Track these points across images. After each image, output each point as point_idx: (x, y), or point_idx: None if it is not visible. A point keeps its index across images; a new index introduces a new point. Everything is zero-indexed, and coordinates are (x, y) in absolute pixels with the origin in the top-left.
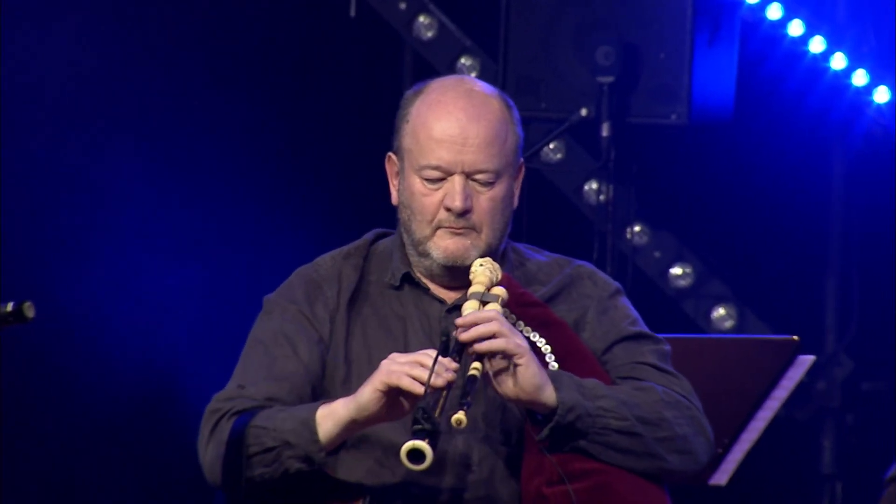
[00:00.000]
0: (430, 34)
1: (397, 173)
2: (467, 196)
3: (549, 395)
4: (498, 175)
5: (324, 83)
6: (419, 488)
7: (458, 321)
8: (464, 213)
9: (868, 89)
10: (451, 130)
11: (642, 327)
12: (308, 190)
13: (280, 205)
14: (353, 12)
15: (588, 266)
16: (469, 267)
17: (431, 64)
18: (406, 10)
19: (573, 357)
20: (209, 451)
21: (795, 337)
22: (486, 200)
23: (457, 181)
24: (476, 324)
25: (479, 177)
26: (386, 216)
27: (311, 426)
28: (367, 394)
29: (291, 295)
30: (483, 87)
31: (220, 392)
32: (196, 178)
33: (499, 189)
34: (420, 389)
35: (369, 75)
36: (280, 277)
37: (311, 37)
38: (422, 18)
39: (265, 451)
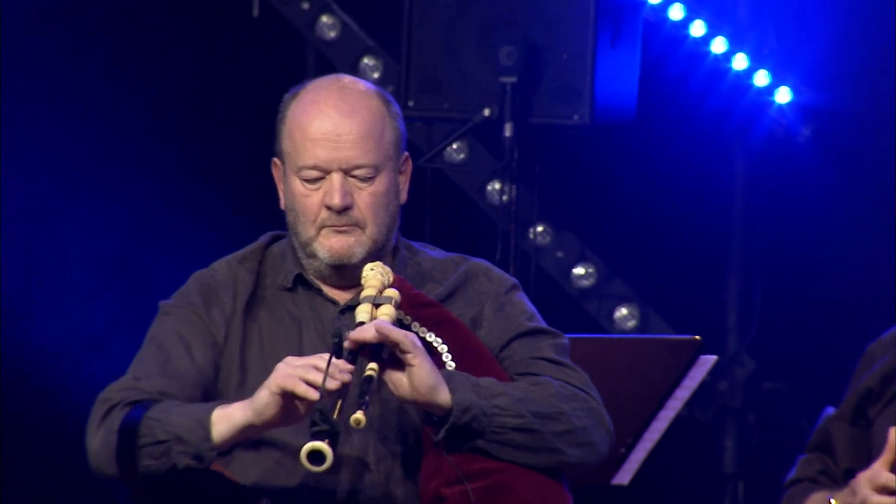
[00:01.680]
0: (332, 34)
1: (282, 177)
2: (346, 193)
3: (444, 396)
4: (377, 169)
5: (226, 84)
6: (318, 489)
7: (347, 336)
8: (344, 210)
9: (769, 90)
10: (325, 128)
11: (539, 322)
12: (209, 193)
13: (180, 208)
14: (255, 12)
15: (483, 263)
16: (357, 265)
17: (334, 64)
18: (309, 11)
19: (470, 355)
20: (97, 439)
21: (697, 337)
22: (367, 196)
23: (335, 179)
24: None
25: (357, 172)
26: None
27: (205, 425)
28: (263, 398)
29: (188, 298)
30: (358, 83)
31: (113, 383)
32: (91, 179)
33: (380, 184)
34: (315, 395)
35: (272, 76)
36: (178, 281)
37: (212, 37)
38: (324, 18)
39: (156, 443)
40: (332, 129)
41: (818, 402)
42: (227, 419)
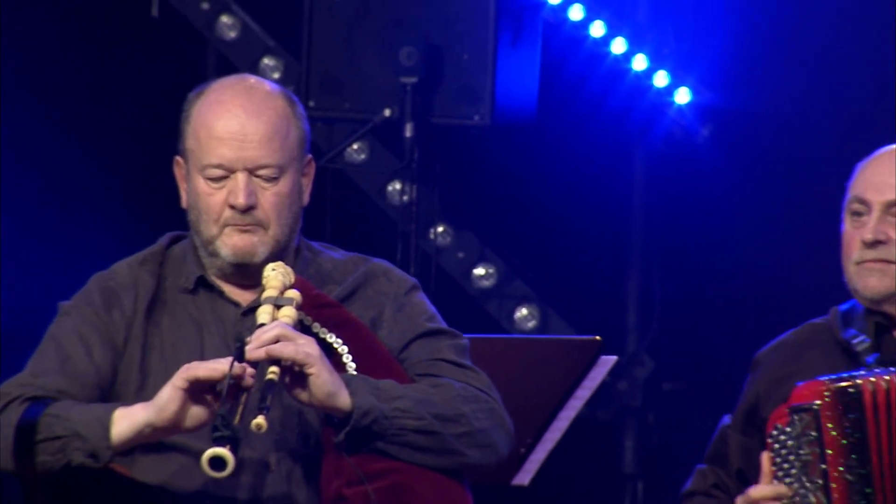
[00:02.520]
0: (232, 34)
1: (185, 176)
2: (251, 192)
3: (344, 400)
4: (281, 170)
5: (126, 84)
6: (219, 493)
7: (249, 340)
8: (248, 210)
9: (669, 90)
10: (231, 127)
11: (440, 323)
12: (108, 193)
13: (79, 208)
14: (155, 12)
15: (383, 263)
16: (259, 264)
17: (235, 64)
18: (209, 11)
19: (370, 356)
20: None
21: (598, 337)
22: (271, 196)
23: (239, 178)
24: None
25: (262, 172)
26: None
27: (104, 423)
28: (165, 394)
29: (89, 299)
30: (264, 83)
31: (10, 378)
32: None
33: (283, 184)
34: (218, 374)
35: (172, 76)
36: (78, 283)
37: (112, 37)
38: (224, 18)
39: (53, 438)
40: (238, 129)
41: (717, 402)
42: (127, 418)
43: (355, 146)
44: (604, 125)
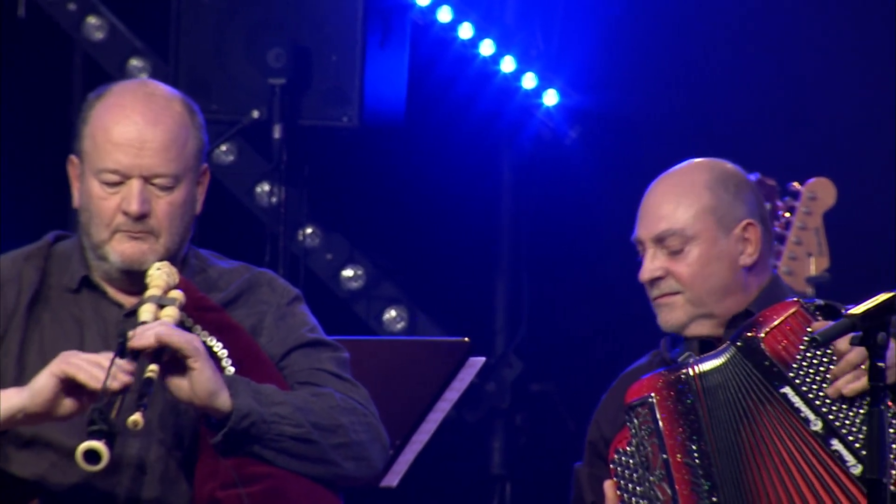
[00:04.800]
0: (100, 35)
1: (79, 176)
2: (144, 200)
3: (224, 400)
4: (177, 180)
5: None
6: (93, 490)
7: (132, 332)
8: (141, 218)
9: (537, 92)
10: (129, 134)
11: (321, 335)
12: None
13: None
14: (21, 12)
15: (268, 273)
16: (146, 272)
17: (102, 65)
18: (76, 11)
19: (250, 362)
20: None
21: (466, 339)
22: (164, 205)
23: (134, 185)
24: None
25: (157, 181)
26: (51, 222)
27: None
28: (41, 380)
29: None
30: (166, 90)
31: None
32: None
33: (178, 194)
34: (97, 384)
35: (39, 76)
36: None
37: None
38: (91, 20)
39: None
40: (136, 136)
41: (585, 403)
42: (1, 401)
43: (223, 148)
44: (472, 127)
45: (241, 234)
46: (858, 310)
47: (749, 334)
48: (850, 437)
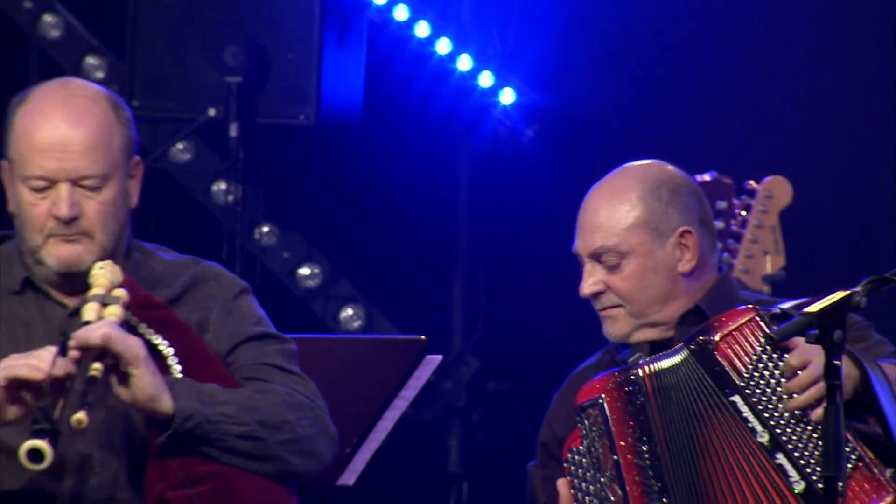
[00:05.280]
0: (55, 33)
1: (11, 181)
2: (74, 203)
3: (166, 403)
4: (105, 178)
5: None
6: (41, 493)
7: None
8: (72, 221)
9: (494, 90)
10: (52, 139)
11: (268, 327)
12: None
13: None
14: None
15: (215, 267)
16: (86, 272)
17: (58, 63)
18: (31, 9)
19: (197, 359)
20: None
21: (423, 337)
22: (95, 205)
23: (62, 189)
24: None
25: (85, 182)
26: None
27: None
28: None
29: None
30: (87, 90)
31: None
32: None
33: (109, 192)
34: (39, 374)
35: None
36: None
37: None
38: (47, 17)
39: None
40: (59, 140)
41: (541, 401)
42: None
43: (180, 146)
44: (429, 125)
45: (197, 233)
46: (815, 308)
47: (702, 338)
48: (796, 453)
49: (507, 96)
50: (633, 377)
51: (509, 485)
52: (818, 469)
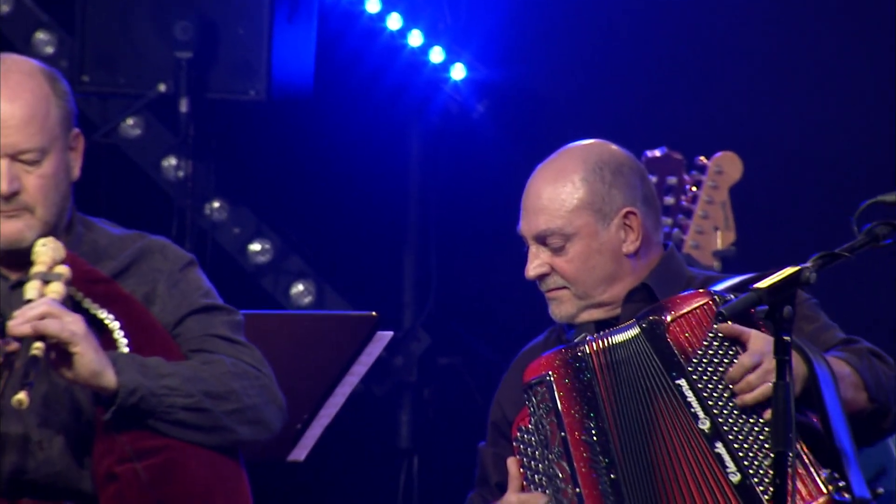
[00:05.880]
0: (5, 9)
1: None
2: (13, 178)
3: (109, 378)
4: (44, 152)
5: None
6: None
7: (14, 316)
8: (12, 196)
9: (445, 66)
10: None
11: (215, 299)
12: None
13: None
14: None
15: (161, 240)
16: (29, 248)
17: (9, 39)
18: None
19: (143, 332)
20: None
21: (374, 313)
22: (35, 179)
23: (1, 165)
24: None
25: (24, 157)
26: None
27: None
28: None
29: None
30: (21, 64)
31: None
32: None
33: (48, 166)
34: None
35: None
36: None
37: None
38: None
39: None
40: None
41: (492, 376)
42: None
43: (130, 121)
44: (380, 101)
45: (147, 208)
46: (764, 284)
47: (654, 317)
48: (736, 445)
49: (458, 72)
50: (580, 354)
51: (460, 460)
52: (755, 464)
